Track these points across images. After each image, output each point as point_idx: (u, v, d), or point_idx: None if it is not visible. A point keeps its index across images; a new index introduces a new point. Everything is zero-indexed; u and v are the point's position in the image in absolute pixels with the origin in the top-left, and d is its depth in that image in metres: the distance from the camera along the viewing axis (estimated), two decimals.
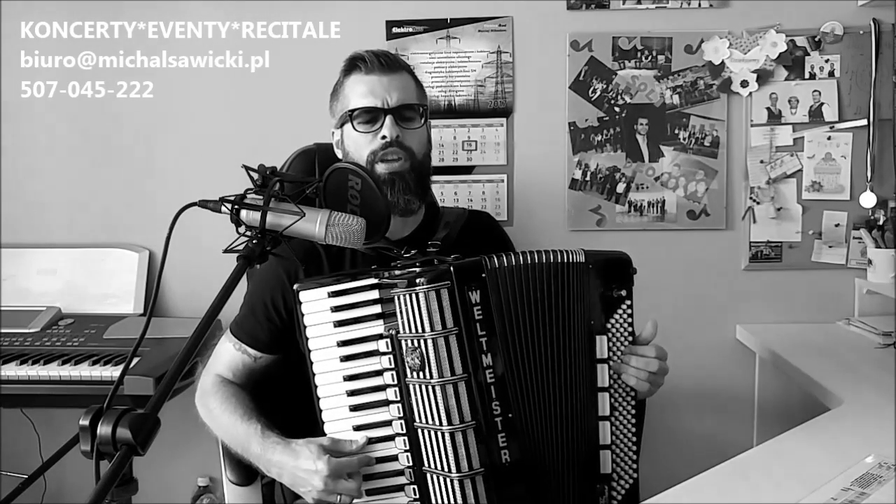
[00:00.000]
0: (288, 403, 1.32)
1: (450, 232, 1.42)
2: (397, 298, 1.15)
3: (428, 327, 1.13)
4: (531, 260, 1.19)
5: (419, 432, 1.15)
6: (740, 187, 2.19)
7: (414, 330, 1.14)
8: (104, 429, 0.87)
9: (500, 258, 1.18)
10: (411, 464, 1.17)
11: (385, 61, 1.37)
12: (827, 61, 2.15)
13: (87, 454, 0.90)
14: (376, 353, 1.18)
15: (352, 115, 1.36)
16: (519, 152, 2.19)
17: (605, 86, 2.17)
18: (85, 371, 1.80)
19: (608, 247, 1.27)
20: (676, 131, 2.18)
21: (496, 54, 2.17)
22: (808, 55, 2.15)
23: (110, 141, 2.22)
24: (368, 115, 1.35)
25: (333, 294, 1.20)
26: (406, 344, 1.15)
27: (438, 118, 2.15)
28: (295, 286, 1.21)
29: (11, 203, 2.23)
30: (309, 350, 1.20)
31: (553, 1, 2.16)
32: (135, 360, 1.71)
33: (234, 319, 1.41)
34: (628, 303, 1.23)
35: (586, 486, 1.20)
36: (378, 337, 1.18)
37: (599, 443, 1.20)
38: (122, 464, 0.85)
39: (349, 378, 1.19)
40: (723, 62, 2.15)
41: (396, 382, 1.17)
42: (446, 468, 1.13)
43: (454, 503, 1.12)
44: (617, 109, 2.18)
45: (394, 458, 1.18)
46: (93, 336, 1.98)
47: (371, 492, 1.18)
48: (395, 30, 2.17)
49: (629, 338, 1.24)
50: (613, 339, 1.22)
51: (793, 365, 1.79)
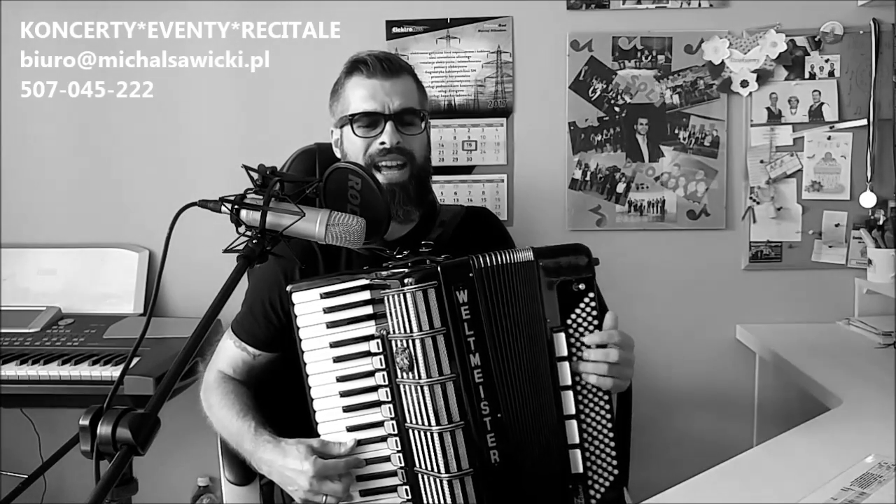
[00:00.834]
0: (287, 401, 1.32)
1: (444, 231, 1.42)
2: (387, 299, 1.15)
3: (416, 327, 1.13)
4: (504, 260, 1.18)
5: (410, 433, 1.15)
6: (740, 187, 2.19)
7: (403, 330, 1.14)
8: (104, 429, 0.87)
9: (486, 258, 1.18)
10: (403, 464, 1.17)
11: (387, 65, 1.36)
12: (827, 61, 2.15)
13: (87, 454, 0.90)
14: (368, 354, 1.18)
15: (352, 119, 1.36)
16: (519, 152, 2.19)
17: (605, 86, 2.17)
18: (85, 371, 1.80)
19: (608, 247, 1.27)
20: (676, 131, 2.18)
21: (496, 54, 2.17)
22: (808, 55, 2.15)
23: (110, 141, 2.22)
24: (368, 120, 1.35)
25: (326, 295, 1.20)
26: (396, 344, 1.15)
27: (438, 118, 2.15)
28: (288, 287, 1.22)
29: (11, 203, 2.23)
30: (302, 351, 1.21)
31: (553, 1, 2.16)
32: (135, 360, 1.71)
33: (235, 317, 1.42)
34: (591, 296, 1.19)
35: (559, 487, 1.19)
36: (370, 338, 1.18)
37: (567, 442, 1.18)
38: (122, 464, 0.85)
39: (342, 379, 1.19)
40: (723, 62, 2.15)
41: (388, 383, 1.17)
42: (436, 469, 1.13)
43: (444, 503, 1.12)
44: (617, 109, 2.18)
45: (386, 459, 1.18)
46: (93, 336, 1.98)
47: (365, 492, 1.18)
48: (395, 30, 2.17)
49: (594, 332, 1.20)
50: (576, 336, 1.19)
51: (793, 365, 1.79)
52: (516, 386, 1.17)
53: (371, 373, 1.18)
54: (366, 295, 1.18)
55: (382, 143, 1.34)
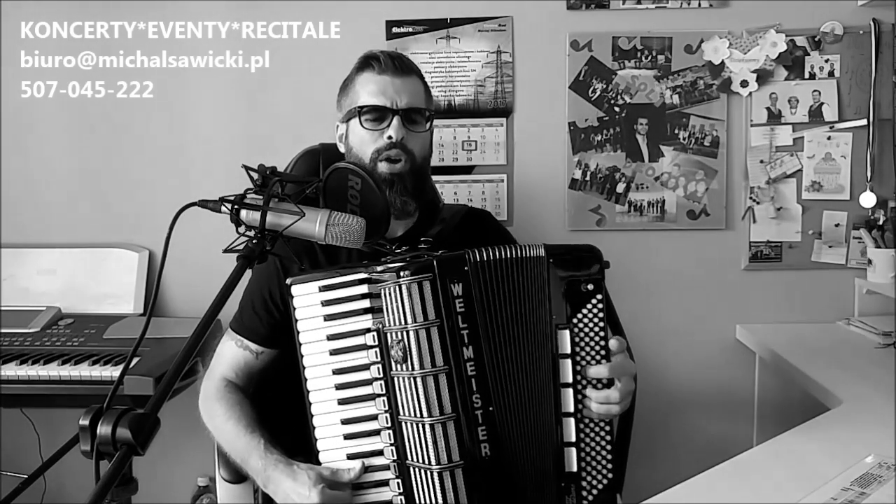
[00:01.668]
0: (285, 400, 1.32)
1: (444, 228, 1.42)
2: (383, 292, 1.17)
3: (410, 319, 1.14)
4: (503, 255, 1.19)
5: (403, 425, 1.16)
6: (740, 187, 2.19)
7: (398, 322, 1.15)
8: (104, 429, 0.87)
9: (482, 252, 1.19)
10: (396, 457, 1.17)
11: (398, 64, 1.39)
12: (827, 61, 2.15)
13: (87, 454, 0.90)
14: (364, 347, 1.19)
15: (360, 111, 1.37)
16: (519, 152, 2.19)
17: (605, 86, 2.17)
18: (85, 371, 1.80)
19: (608, 247, 1.27)
20: (676, 131, 2.18)
21: (496, 54, 2.17)
22: (808, 55, 2.15)
23: (110, 141, 2.22)
24: (377, 114, 1.37)
25: (324, 288, 1.20)
26: (391, 337, 1.16)
27: (438, 118, 2.14)
28: (287, 280, 1.22)
29: (11, 203, 2.23)
30: (300, 344, 1.21)
31: (553, 1, 2.16)
32: (135, 360, 1.72)
33: (234, 317, 1.42)
34: (599, 297, 1.20)
35: (552, 484, 1.19)
36: (366, 331, 1.18)
37: (563, 440, 1.19)
38: (122, 464, 0.85)
39: (338, 372, 1.19)
40: (723, 62, 2.15)
41: (382, 376, 1.18)
42: (427, 461, 1.14)
43: (435, 496, 1.13)
44: (617, 109, 2.18)
45: (380, 453, 1.18)
46: (93, 336, 1.98)
47: (357, 486, 1.19)
48: (395, 30, 2.17)
49: (601, 333, 1.20)
50: (581, 335, 1.19)
51: (793, 365, 1.79)
52: (511, 380, 1.18)
53: (367, 366, 1.19)
54: (364, 289, 1.19)
55: (389, 138, 1.35)
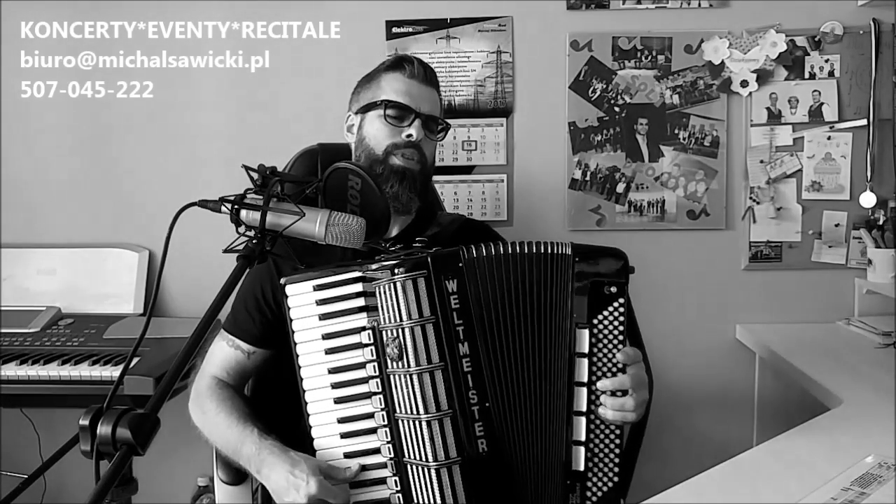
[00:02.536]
0: (282, 399, 1.32)
1: (441, 231, 1.43)
2: (378, 289, 1.17)
3: (406, 316, 1.14)
4: (513, 250, 1.19)
5: (399, 423, 1.16)
6: (740, 187, 2.19)
7: (393, 320, 1.15)
8: (104, 429, 0.87)
9: (479, 248, 1.19)
10: (393, 455, 1.17)
11: (428, 75, 1.43)
12: (827, 61, 2.15)
13: (87, 454, 0.90)
14: (359, 346, 1.18)
15: (387, 105, 1.39)
16: (519, 152, 2.19)
17: (605, 86, 2.17)
18: (85, 371, 1.80)
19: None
20: (676, 131, 2.18)
21: (496, 54, 2.17)
22: (808, 55, 2.15)
23: (110, 141, 2.22)
24: (401, 112, 1.39)
25: (319, 287, 1.20)
26: (386, 334, 1.16)
27: None
28: (282, 280, 1.22)
29: (11, 203, 2.23)
30: (295, 343, 1.21)
31: (553, 1, 2.16)
32: (135, 360, 1.72)
33: (227, 317, 1.42)
34: (621, 301, 1.20)
35: (557, 482, 1.19)
36: (361, 329, 1.18)
37: (572, 438, 1.18)
38: (122, 464, 0.85)
39: (333, 371, 1.19)
40: (723, 62, 2.15)
41: (378, 374, 1.18)
42: (424, 457, 1.13)
43: (432, 492, 1.13)
44: (617, 109, 2.18)
45: (376, 451, 1.18)
46: (93, 336, 1.98)
47: (355, 484, 1.18)
48: (395, 30, 2.17)
49: (619, 337, 1.20)
50: (599, 336, 1.19)
51: (793, 365, 1.79)
52: (510, 376, 1.17)
53: (363, 364, 1.18)
54: (358, 287, 1.19)
55: (409, 136, 1.38)
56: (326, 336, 1.19)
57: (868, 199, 2.14)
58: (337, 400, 1.19)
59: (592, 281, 1.20)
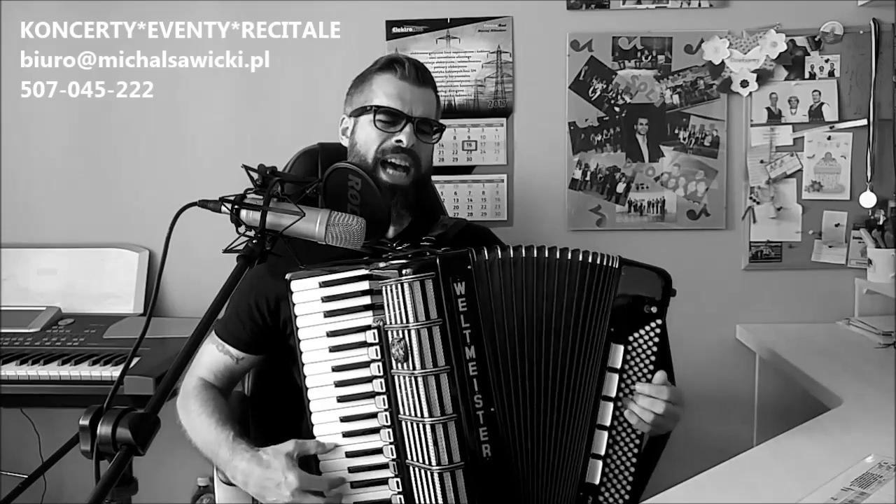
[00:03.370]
0: (282, 401, 1.32)
1: (446, 232, 1.42)
2: (385, 289, 1.15)
3: (412, 318, 1.13)
4: (539, 255, 1.18)
5: (403, 424, 1.15)
6: (740, 187, 2.19)
7: (400, 321, 1.14)
8: (104, 429, 0.87)
9: (489, 252, 1.18)
10: (395, 456, 1.16)
11: (420, 74, 1.40)
12: (827, 61, 2.15)
13: (87, 454, 0.90)
14: (364, 345, 1.17)
15: (376, 110, 1.37)
16: (519, 152, 2.19)
17: (605, 86, 2.17)
18: (85, 371, 1.80)
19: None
20: (676, 131, 2.18)
21: (496, 54, 2.17)
22: (808, 55, 2.15)
23: (110, 141, 2.22)
24: (392, 117, 1.36)
25: (324, 284, 1.19)
26: (392, 335, 1.15)
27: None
28: (287, 275, 1.21)
29: (11, 203, 2.23)
30: (299, 340, 1.20)
31: (553, 1, 2.16)
32: (135, 360, 1.71)
33: (219, 320, 1.41)
34: (658, 322, 1.20)
35: (569, 493, 1.18)
36: (366, 328, 1.17)
37: (591, 451, 1.18)
38: (122, 464, 0.85)
39: (337, 369, 1.18)
40: (723, 62, 2.15)
41: (382, 374, 1.16)
42: (427, 461, 1.12)
43: (435, 496, 1.12)
44: (617, 109, 2.18)
45: (378, 451, 1.17)
46: (93, 336, 1.98)
47: (356, 484, 1.18)
48: (395, 30, 2.17)
49: (652, 357, 1.20)
50: (633, 353, 1.19)
51: (793, 365, 1.79)
52: (518, 382, 1.17)
53: (367, 363, 1.17)
54: (364, 285, 1.18)
55: (399, 142, 1.35)
56: (331, 333, 1.18)
57: (868, 199, 2.14)
58: (340, 398, 1.18)
59: (634, 297, 1.20)
